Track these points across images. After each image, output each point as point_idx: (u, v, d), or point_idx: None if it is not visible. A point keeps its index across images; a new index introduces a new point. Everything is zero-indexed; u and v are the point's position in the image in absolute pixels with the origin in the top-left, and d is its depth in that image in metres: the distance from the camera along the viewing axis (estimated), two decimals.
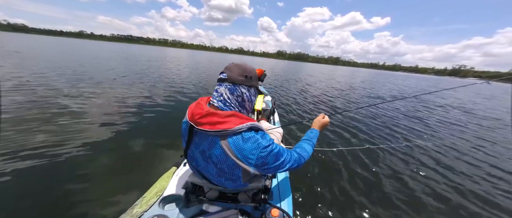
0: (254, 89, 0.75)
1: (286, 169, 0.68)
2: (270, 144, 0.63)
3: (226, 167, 0.62)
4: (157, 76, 7.62)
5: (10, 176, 1.61)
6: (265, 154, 0.60)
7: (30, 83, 4.55)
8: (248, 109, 0.75)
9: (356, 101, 6.69)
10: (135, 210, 0.78)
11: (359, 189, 1.87)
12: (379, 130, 3.74)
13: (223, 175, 0.65)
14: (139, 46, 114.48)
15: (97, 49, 25.56)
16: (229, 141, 0.59)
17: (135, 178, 1.75)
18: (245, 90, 0.70)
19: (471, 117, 5.82)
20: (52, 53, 12.91)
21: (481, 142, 3.56)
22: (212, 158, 0.62)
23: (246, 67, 0.71)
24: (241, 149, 0.59)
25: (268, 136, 0.65)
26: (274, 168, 0.64)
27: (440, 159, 2.68)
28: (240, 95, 0.69)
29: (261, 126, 0.65)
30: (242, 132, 0.60)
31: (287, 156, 0.68)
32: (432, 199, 1.82)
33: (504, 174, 2.41)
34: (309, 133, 0.92)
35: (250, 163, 0.59)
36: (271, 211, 0.77)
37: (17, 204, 1.37)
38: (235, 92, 0.68)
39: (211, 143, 0.61)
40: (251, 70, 0.72)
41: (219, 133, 0.58)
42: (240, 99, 0.69)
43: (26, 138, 2.18)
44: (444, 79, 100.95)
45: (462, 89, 16.43)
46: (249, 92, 0.72)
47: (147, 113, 3.38)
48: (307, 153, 0.80)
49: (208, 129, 0.59)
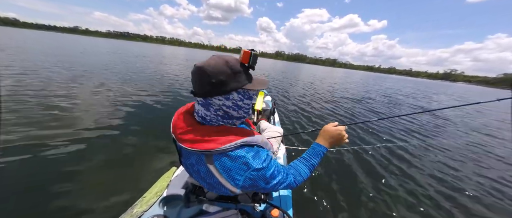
0: (238, 93, 0.55)
1: (276, 190, 0.60)
2: (263, 166, 0.53)
3: (214, 182, 0.55)
4: (152, 73, 7.55)
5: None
6: (254, 177, 0.52)
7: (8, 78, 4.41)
8: (238, 117, 0.60)
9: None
10: (135, 210, 0.77)
11: (359, 189, 1.90)
12: (379, 130, 3.81)
13: (214, 188, 0.58)
14: (127, 42, 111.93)
15: (89, 43, 25.01)
16: (215, 161, 0.51)
17: (131, 178, 1.73)
18: (221, 102, 0.54)
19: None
20: (35, 48, 12.56)
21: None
22: (200, 173, 0.56)
23: (212, 69, 0.50)
24: (227, 170, 0.51)
25: (264, 153, 0.55)
26: (263, 190, 0.56)
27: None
28: (218, 108, 0.55)
29: (256, 140, 0.56)
30: (229, 151, 0.51)
31: (280, 179, 0.58)
32: (431, 199, 1.87)
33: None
34: (311, 150, 0.72)
35: (237, 184, 0.52)
36: (271, 211, 0.78)
37: (5, 205, 1.34)
38: (210, 108, 0.55)
39: (198, 158, 0.54)
40: (220, 70, 0.50)
41: (202, 152, 0.50)
42: (221, 113, 0.56)
43: (12, 136, 2.11)
44: (435, 83, 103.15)
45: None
46: (230, 100, 0.55)
47: (142, 111, 3.33)
48: (301, 178, 0.66)
49: (189, 147, 0.51)
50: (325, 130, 0.75)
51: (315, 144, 0.73)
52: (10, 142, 1.99)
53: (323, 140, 0.74)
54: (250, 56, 0.54)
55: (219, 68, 0.50)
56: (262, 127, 1.32)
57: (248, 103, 0.59)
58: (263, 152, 0.56)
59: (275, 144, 1.11)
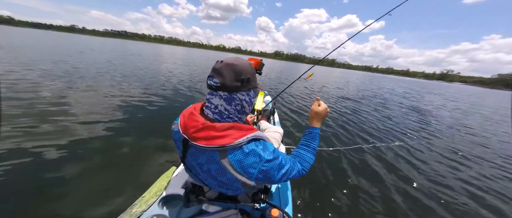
0: (253, 91, 0.64)
1: (287, 179, 0.62)
2: (273, 157, 0.57)
3: (225, 179, 0.57)
4: (150, 72, 7.50)
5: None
6: (267, 168, 0.55)
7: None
8: (248, 112, 0.66)
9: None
10: (134, 210, 0.77)
11: (359, 188, 1.90)
12: (379, 129, 3.83)
13: (223, 186, 0.61)
14: (125, 41, 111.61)
15: (87, 42, 24.77)
16: (229, 155, 0.54)
17: (130, 177, 1.72)
18: (243, 97, 0.60)
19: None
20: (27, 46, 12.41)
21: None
22: (211, 172, 0.58)
23: (241, 67, 0.57)
24: (242, 163, 0.54)
25: (271, 146, 0.60)
26: (277, 181, 0.59)
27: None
28: (239, 103, 0.60)
29: (262, 134, 0.60)
30: (243, 145, 0.54)
31: (289, 167, 0.62)
32: (429, 200, 1.88)
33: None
34: (308, 134, 0.77)
35: (251, 177, 0.55)
36: (271, 211, 0.78)
37: (5, 205, 1.32)
38: (233, 102, 0.59)
39: (209, 157, 0.56)
40: (247, 68, 0.58)
41: (217, 148, 0.53)
42: (239, 107, 0.61)
43: (10, 137, 2.09)
44: (432, 83, 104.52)
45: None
46: (249, 96, 0.62)
47: (141, 111, 3.31)
48: (308, 163, 0.70)
49: (204, 144, 0.53)
50: (316, 111, 0.79)
51: (310, 128, 0.77)
52: (8, 143, 1.97)
53: (316, 122, 0.78)
54: (261, 64, 0.79)
55: (247, 67, 0.59)
56: (262, 127, 1.32)
57: (254, 101, 0.67)
58: (270, 144, 0.60)
59: (275, 144, 1.11)
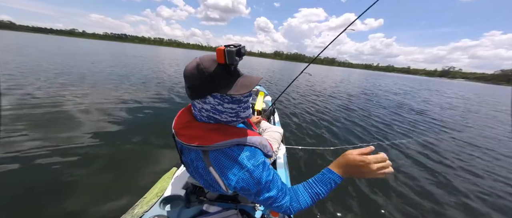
0: (214, 97, 0.51)
1: (269, 207, 0.54)
2: (261, 170, 0.50)
3: (209, 179, 0.55)
4: (150, 74, 7.52)
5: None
6: (248, 179, 0.49)
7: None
8: (225, 121, 0.56)
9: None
10: (135, 211, 0.78)
11: (359, 188, 1.89)
12: (380, 129, 3.81)
13: (210, 187, 0.58)
14: (126, 44, 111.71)
15: (88, 46, 24.91)
16: (211, 156, 0.52)
17: (131, 178, 1.73)
18: (200, 105, 0.54)
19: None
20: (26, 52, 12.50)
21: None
22: (198, 169, 0.56)
23: (186, 73, 0.50)
24: (222, 167, 0.51)
25: (260, 156, 0.54)
26: (255, 198, 0.52)
27: None
28: (201, 110, 0.55)
29: (253, 142, 0.55)
30: (224, 148, 0.51)
31: (275, 195, 0.52)
32: (432, 198, 1.88)
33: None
34: (320, 176, 0.57)
35: (229, 184, 0.50)
36: (271, 211, 0.79)
37: (4, 206, 1.33)
38: (195, 108, 0.57)
39: (196, 154, 0.55)
40: (191, 74, 0.49)
41: (196, 147, 0.51)
42: (206, 114, 0.55)
43: (10, 140, 2.11)
44: (434, 80, 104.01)
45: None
46: (207, 104, 0.52)
47: (142, 112, 3.32)
48: (298, 206, 0.56)
49: (185, 142, 0.52)
50: (347, 157, 0.55)
51: (326, 169, 0.57)
52: (11, 146, 1.99)
53: (338, 167, 0.56)
54: (224, 54, 0.45)
55: (191, 73, 0.49)
56: (262, 127, 1.33)
57: (231, 107, 0.53)
58: (260, 155, 0.55)
59: (275, 144, 1.12)
